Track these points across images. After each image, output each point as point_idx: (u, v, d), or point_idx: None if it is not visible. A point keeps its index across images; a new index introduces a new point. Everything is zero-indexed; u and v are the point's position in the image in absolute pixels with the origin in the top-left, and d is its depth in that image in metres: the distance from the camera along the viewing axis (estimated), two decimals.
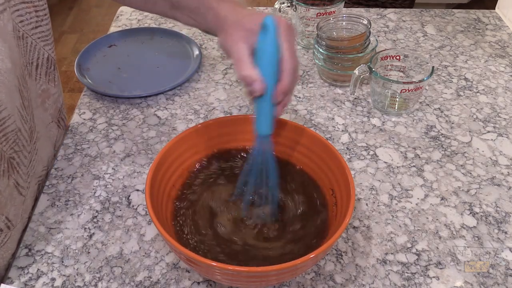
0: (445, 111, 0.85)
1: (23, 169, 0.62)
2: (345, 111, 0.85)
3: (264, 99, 0.57)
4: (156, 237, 0.65)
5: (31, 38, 0.65)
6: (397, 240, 0.65)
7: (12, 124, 0.57)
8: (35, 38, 0.65)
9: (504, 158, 0.77)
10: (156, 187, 0.59)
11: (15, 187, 0.60)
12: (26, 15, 0.62)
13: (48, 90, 0.72)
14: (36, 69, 0.67)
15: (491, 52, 0.99)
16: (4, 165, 0.57)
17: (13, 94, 0.57)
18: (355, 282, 0.60)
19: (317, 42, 0.88)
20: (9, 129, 0.57)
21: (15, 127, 0.58)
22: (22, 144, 0.61)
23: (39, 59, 0.68)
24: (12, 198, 0.60)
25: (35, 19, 0.64)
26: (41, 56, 0.68)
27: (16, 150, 0.59)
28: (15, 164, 0.60)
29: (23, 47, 0.63)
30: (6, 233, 0.60)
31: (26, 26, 0.63)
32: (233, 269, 0.50)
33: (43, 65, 0.69)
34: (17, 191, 0.60)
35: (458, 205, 0.70)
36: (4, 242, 0.60)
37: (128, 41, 1.00)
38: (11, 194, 0.59)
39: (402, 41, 1.03)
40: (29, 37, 0.64)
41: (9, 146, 0.58)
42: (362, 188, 0.72)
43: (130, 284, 0.59)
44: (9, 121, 0.57)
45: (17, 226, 0.62)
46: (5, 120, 0.56)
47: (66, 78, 2.37)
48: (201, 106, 0.85)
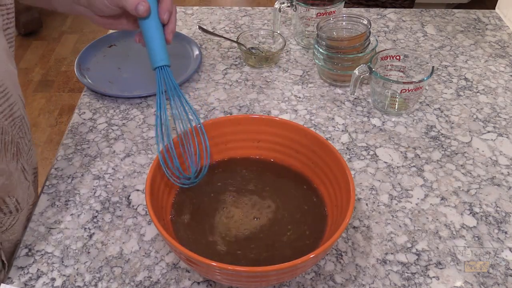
0: (445, 111, 0.85)
1: (25, 156, 0.65)
2: (345, 111, 0.85)
3: (151, 23, 0.60)
4: (156, 237, 0.65)
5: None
6: (397, 240, 0.65)
7: (18, 111, 0.61)
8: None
9: (504, 158, 0.77)
10: (156, 187, 0.59)
11: (22, 172, 0.63)
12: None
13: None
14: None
15: (491, 52, 0.99)
16: (14, 148, 0.60)
17: (15, 83, 0.61)
18: (355, 282, 0.60)
19: (317, 42, 0.88)
20: (16, 114, 0.60)
21: (20, 114, 0.62)
22: (25, 131, 0.64)
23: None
24: (20, 182, 0.63)
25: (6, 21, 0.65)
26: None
27: (20, 136, 0.63)
28: (20, 150, 0.63)
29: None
30: (15, 216, 0.63)
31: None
32: (233, 269, 0.50)
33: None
34: (23, 175, 0.64)
35: (458, 205, 0.70)
36: (12, 225, 0.63)
37: (128, 41, 1.00)
38: (19, 178, 0.62)
39: (402, 41, 1.03)
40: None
41: (16, 132, 0.61)
42: (362, 188, 0.72)
43: (130, 284, 0.60)
44: (16, 107, 0.60)
45: (24, 211, 0.65)
46: (13, 105, 0.59)
47: (66, 78, 2.37)
48: (201, 106, 0.85)
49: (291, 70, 0.94)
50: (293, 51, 0.99)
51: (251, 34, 0.99)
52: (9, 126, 0.61)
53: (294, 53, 0.99)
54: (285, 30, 1.05)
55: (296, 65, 0.96)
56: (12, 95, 0.59)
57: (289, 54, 0.98)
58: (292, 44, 1.01)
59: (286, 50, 0.99)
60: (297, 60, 0.97)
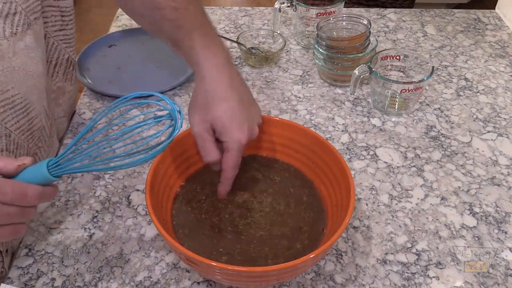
0: (445, 111, 0.85)
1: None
2: (345, 111, 0.85)
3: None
4: (156, 237, 0.65)
5: (54, 39, 0.68)
6: (397, 240, 0.65)
7: (39, 123, 0.63)
8: (57, 39, 0.69)
9: (504, 158, 0.77)
10: (156, 187, 0.59)
11: None
12: (51, 18, 0.66)
13: (63, 88, 0.75)
14: (54, 67, 0.71)
15: (491, 52, 0.99)
16: None
17: (41, 94, 0.62)
18: (355, 282, 0.60)
19: (317, 42, 0.88)
20: (36, 127, 0.62)
21: (41, 125, 0.63)
22: (44, 140, 0.65)
23: (59, 59, 0.71)
24: None
25: (60, 22, 0.68)
26: (61, 56, 0.71)
27: (39, 146, 0.64)
28: (37, 159, 0.64)
29: (44, 46, 0.66)
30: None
31: (50, 28, 0.67)
32: (233, 269, 0.50)
33: (62, 65, 0.73)
34: None
35: (458, 205, 0.70)
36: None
37: (128, 41, 1.00)
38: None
39: (402, 41, 1.03)
40: (52, 37, 0.68)
41: (34, 143, 0.63)
42: (362, 188, 0.72)
43: (130, 284, 0.59)
44: (36, 120, 0.62)
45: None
46: (33, 119, 0.61)
47: None
48: None
49: (291, 70, 0.94)
50: (293, 51, 0.99)
51: (251, 34, 0.99)
52: (25, 141, 0.62)
53: (294, 53, 0.99)
54: (285, 30, 1.05)
55: (296, 65, 0.96)
56: (34, 109, 0.60)
57: (289, 54, 0.98)
58: (292, 44, 1.01)
59: (286, 50, 0.99)
60: (297, 60, 0.97)
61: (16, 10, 0.56)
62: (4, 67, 0.56)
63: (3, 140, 0.59)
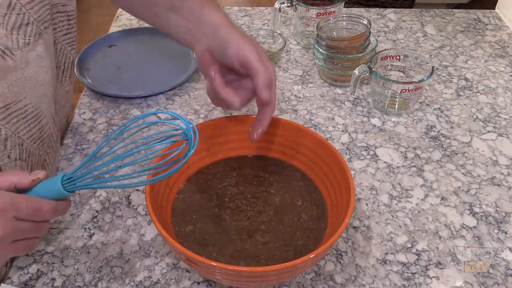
0: (445, 111, 0.85)
1: (50, 168, 0.67)
2: (345, 111, 0.85)
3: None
4: (156, 237, 0.65)
5: (61, 44, 0.69)
6: (397, 240, 0.65)
7: (48, 130, 0.64)
8: (64, 44, 0.70)
9: (504, 158, 0.77)
10: (156, 187, 0.59)
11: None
12: (60, 23, 0.67)
13: (69, 91, 0.76)
14: (62, 72, 0.72)
15: (491, 52, 0.99)
16: (40, 167, 0.63)
17: (50, 102, 0.63)
18: (355, 282, 0.60)
19: (317, 42, 0.88)
20: (45, 135, 0.64)
21: (50, 132, 0.64)
22: (52, 146, 0.66)
23: (66, 63, 0.72)
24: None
25: (67, 26, 0.69)
26: (67, 60, 0.72)
27: (48, 152, 0.65)
28: (46, 165, 0.65)
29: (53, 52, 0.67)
30: None
31: (58, 33, 0.67)
32: (233, 269, 0.50)
33: (68, 68, 0.73)
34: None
35: (458, 205, 0.70)
36: None
37: (128, 41, 1.00)
38: None
39: (402, 41, 1.03)
40: (59, 43, 0.69)
41: (44, 150, 0.63)
42: (362, 188, 0.72)
43: (130, 284, 0.60)
44: (46, 128, 0.63)
45: None
46: (43, 127, 0.63)
47: None
48: (201, 106, 0.85)
49: (291, 70, 0.94)
50: (293, 51, 0.99)
51: (251, 34, 0.99)
52: (36, 149, 0.63)
53: (294, 53, 0.99)
54: (285, 30, 1.05)
55: (296, 65, 0.96)
56: (44, 117, 0.61)
57: (289, 54, 0.98)
58: (292, 44, 1.01)
59: (286, 50, 0.99)
60: (297, 60, 0.97)
61: (28, 21, 0.57)
62: (17, 77, 0.57)
63: (17, 149, 0.59)
